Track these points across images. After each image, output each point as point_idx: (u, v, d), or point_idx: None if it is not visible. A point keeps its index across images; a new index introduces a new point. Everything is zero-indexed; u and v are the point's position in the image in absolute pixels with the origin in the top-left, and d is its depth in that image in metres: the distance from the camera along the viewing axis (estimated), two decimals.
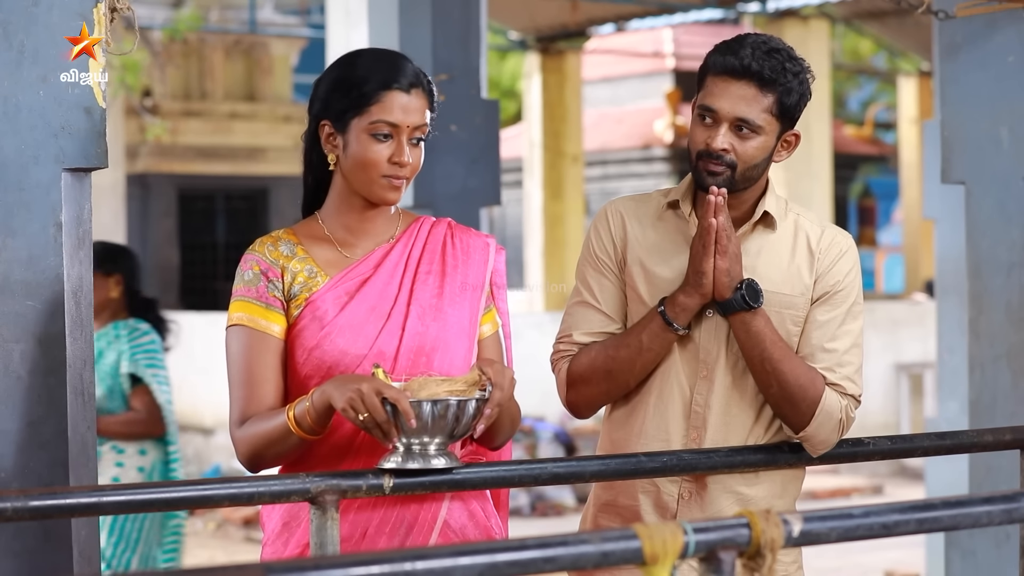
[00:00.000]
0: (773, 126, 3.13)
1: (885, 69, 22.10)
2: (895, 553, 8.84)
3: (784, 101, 3.11)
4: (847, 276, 3.19)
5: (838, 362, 3.16)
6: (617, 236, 3.24)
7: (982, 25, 4.49)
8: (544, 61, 16.27)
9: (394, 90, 2.95)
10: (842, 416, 3.17)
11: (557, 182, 16.30)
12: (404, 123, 2.95)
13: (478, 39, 6.53)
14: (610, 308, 3.23)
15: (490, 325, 3.09)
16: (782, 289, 3.17)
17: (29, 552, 2.88)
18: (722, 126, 3.11)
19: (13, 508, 2.64)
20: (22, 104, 2.89)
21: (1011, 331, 4.45)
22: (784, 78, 3.10)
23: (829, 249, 3.20)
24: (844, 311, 3.18)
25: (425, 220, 3.11)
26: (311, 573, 1.98)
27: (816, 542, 2.39)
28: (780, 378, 3.11)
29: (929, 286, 16.00)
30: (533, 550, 2.13)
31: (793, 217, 3.23)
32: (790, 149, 3.21)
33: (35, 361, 2.86)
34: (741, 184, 3.13)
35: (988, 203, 4.52)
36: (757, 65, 3.09)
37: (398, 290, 2.99)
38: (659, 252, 3.21)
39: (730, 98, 3.10)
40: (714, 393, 3.16)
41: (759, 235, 3.20)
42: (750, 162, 3.12)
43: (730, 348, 3.16)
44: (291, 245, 3.02)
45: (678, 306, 3.11)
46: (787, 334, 3.16)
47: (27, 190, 2.89)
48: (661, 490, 3.20)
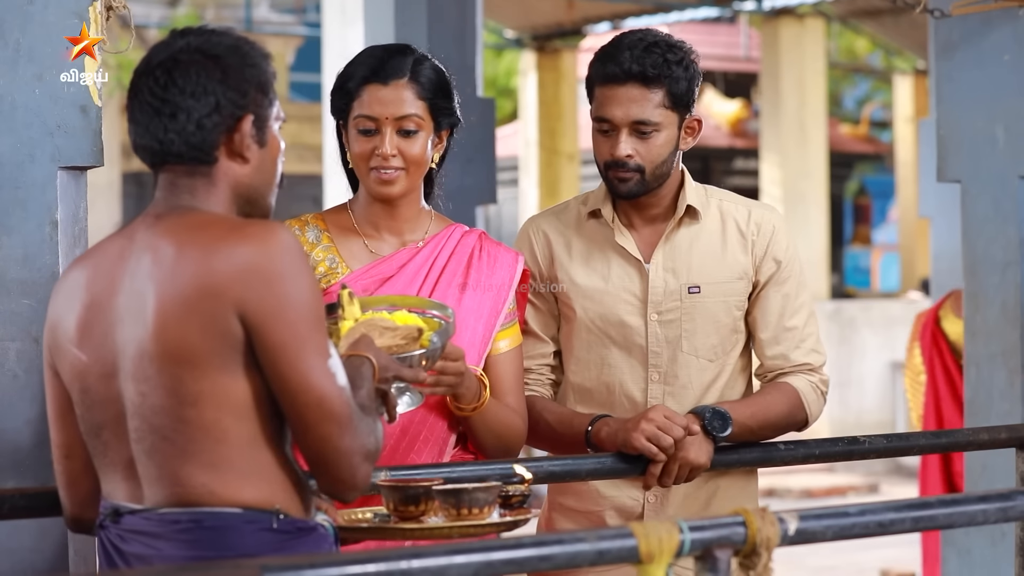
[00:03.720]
0: (671, 118, 3.13)
1: (881, 68, 22.09)
2: (891, 551, 8.84)
3: (674, 91, 3.11)
4: (786, 252, 3.23)
5: (800, 338, 3.22)
6: (542, 256, 3.25)
7: (978, 24, 4.49)
8: (540, 59, 16.26)
9: (372, 84, 2.95)
10: (819, 391, 3.23)
11: (553, 180, 16.28)
12: (383, 115, 2.94)
13: (474, 37, 6.53)
14: (540, 329, 3.25)
15: (509, 340, 3.07)
16: (720, 278, 3.20)
17: (25, 550, 2.88)
18: (621, 133, 3.11)
19: (9, 506, 2.65)
20: (18, 102, 2.89)
21: (1007, 329, 4.45)
22: (668, 70, 3.10)
23: (761, 229, 3.23)
24: (794, 286, 3.23)
25: (457, 228, 3.09)
26: (307, 571, 1.98)
27: (812, 540, 2.39)
28: (774, 431, 3.21)
29: (925, 284, 16.00)
30: (529, 548, 2.13)
31: (716, 203, 3.25)
32: (694, 135, 3.20)
33: (31, 360, 2.86)
34: (654, 184, 3.14)
35: (984, 201, 4.52)
36: (638, 66, 3.09)
37: (416, 295, 2.98)
38: (586, 262, 3.22)
39: (620, 104, 3.10)
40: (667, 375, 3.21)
41: (686, 228, 3.21)
42: (657, 160, 3.12)
43: (679, 348, 3.20)
44: (318, 231, 3.03)
45: (604, 442, 3.11)
46: (733, 319, 3.21)
47: (23, 188, 2.89)
48: (625, 494, 3.21)
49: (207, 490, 2.24)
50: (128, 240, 2.32)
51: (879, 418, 14.15)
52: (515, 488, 2.61)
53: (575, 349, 3.23)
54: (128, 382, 2.27)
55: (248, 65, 2.34)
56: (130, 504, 2.31)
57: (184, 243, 2.25)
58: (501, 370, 3.05)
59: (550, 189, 16.28)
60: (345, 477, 2.27)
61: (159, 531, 2.26)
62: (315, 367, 2.22)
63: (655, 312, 3.17)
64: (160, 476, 2.26)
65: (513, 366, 3.07)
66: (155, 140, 2.32)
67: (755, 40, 18.30)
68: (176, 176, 2.34)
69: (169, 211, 2.31)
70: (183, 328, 2.21)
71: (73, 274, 2.37)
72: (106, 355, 2.29)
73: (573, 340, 3.22)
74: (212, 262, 2.21)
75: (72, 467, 2.43)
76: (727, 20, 18.73)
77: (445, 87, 3.01)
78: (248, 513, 2.25)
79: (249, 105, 2.34)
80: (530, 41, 16.24)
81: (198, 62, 2.31)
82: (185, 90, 2.30)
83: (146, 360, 2.23)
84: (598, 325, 3.19)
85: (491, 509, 2.51)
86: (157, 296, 2.23)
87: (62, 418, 2.40)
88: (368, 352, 2.44)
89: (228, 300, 2.20)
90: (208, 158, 2.32)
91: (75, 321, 2.33)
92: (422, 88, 2.97)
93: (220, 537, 2.23)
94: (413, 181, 3.01)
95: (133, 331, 2.25)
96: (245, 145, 2.34)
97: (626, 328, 3.18)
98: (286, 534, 2.28)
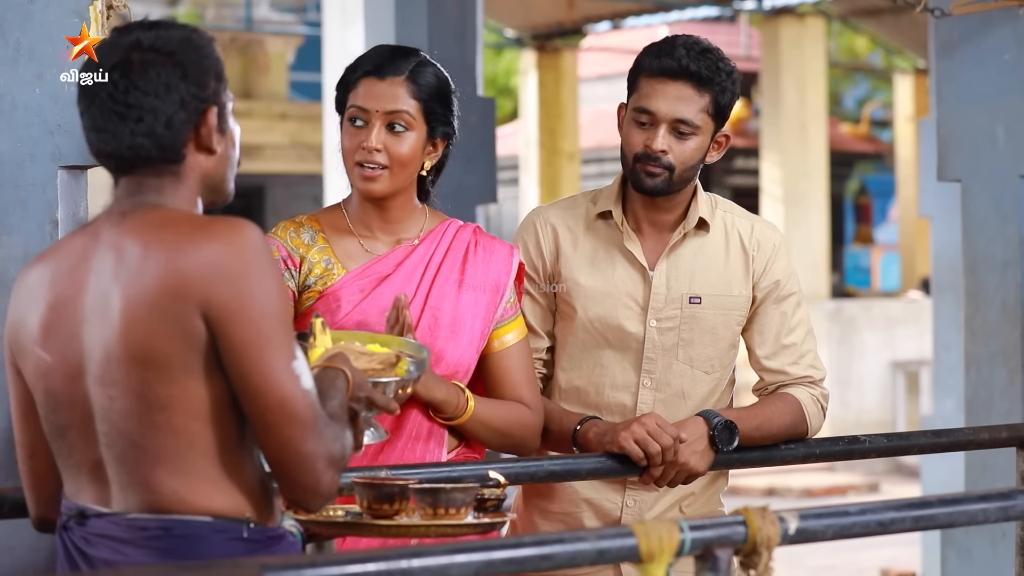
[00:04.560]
0: (709, 126, 3.13)
1: (881, 67, 22.09)
2: (891, 551, 8.84)
3: (719, 100, 3.12)
4: (785, 270, 3.24)
5: (800, 353, 3.23)
6: (548, 250, 3.24)
7: (978, 23, 4.49)
8: (540, 59, 16.25)
9: (367, 77, 2.96)
10: (820, 405, 3.25)
11: (553, 180, 16.28)
12: (374, 108, 2.94)
13: (474, 36, 6.53)
14: (537, 323, 3.25)
15: (515, 333, 3.07)
16: (722, 291, 3.20)
17: (24, 549, 2.88)
18: (660, 127, 3.10)
19: (9, 505, 2.64)
20: (18, 101, 2.89)
21: (1007, 328, 4.45)
22: (719, 77, 3.11)
23: (762, 246, 3.23)
24: (792, 303, 3.23)
25: (452, 223, 3.09)
26: (307, 571, 1.98)
27: (812, 539, 2.39)
28: (774, 442, 3.22)
29: (925, 284, 16.01)
30: (529, 548, 2.13)
31: (721, 215, 3.25)
32: (721, 150, 3.21)
33: None
34: (678, 186, 3.14)
35: (984, 200, 4.52)
36: (695, 65, 3.09)
37: (414, 294, 2.97)
38: (591, 262, 3.21)
39: (668, 99, 3.10)
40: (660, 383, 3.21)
41: (692, 238, 3.21)
42: (687, 163, 3.12)
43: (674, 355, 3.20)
44: (313, 233, 3.02)
45: (591, 443, 3.12)
46: (732, 333, 3.22)
47: (23, 187, 2.89)
48: (604, 498, 3.22)
49: (177, 497, 2.20)
50: (92, 238, 2.27)
51: (879, 417, 14.15)
52: (490, 492, 2.59)
53: (570, 347, 3.22)
54: (95, 385, 2.22)
55: (203, 57, 2.29)
56: (97, 507, 2.26)
57: (150, 242, 2.20)
58: (510, 364, 3.05)
59: (550, 188, 16.27)
60: (309, 483, 2.19)
61: (127, 536, 2.22)
62: (278, 368, 2.16)
63: (654, 319, 3.17)
64: (131, 482, 2.22)
65: (522, 359, 3.07)
66: (124, 146, 2.27)
67: (755, 39, 18.30)
68: (143, 177, 2.29)
69: (134, 208, 2.26)
70: (149, 331, 2.16)
71: (35, 271, 2.31)
72: (71, 356, 2.24)
73: (569, 338, 3.22)
74: (178, 261, 2.16)
75: (37, 467, 2.39)
76: (727, 19, 18.72)
77: (443, 94, 3.01)
78: (218, 522, 2.21)
79: (211, 97, 2.29)
80: (530, 40, 16.24)
81: (155, 61, 2.25)
82: (148, 91, 2.25)
83: (113, 363, 2.19)
84: (596, 327, 3.19)
85: (468, 510, 2.49)
86: (123, 297, 2.18)
87: (25, 418, 2.36)
88: (344, 366, 2.37)
89: (193, 300, 2.15)
90: (177, 157, 2.28)
91: (39, 320, 2.27)
92: (418, 89, 2.97)
93: (190, 545, 2.20)
94: (397, 181, 2.97)
95: (99, 332, 2.21)
96: (212, 137, 2.30)
97: (624, 332, 3.18)
98: (256, 543, 2.24)
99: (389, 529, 2.48)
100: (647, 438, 3.00)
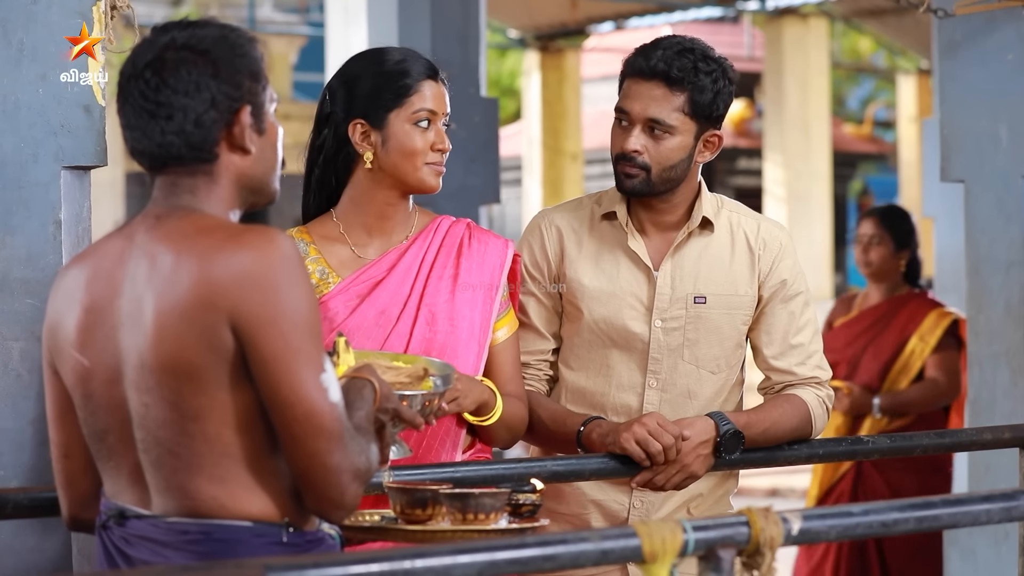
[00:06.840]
0: (688, 125, 3.12)
1: (884, 67, 22.08)
2: None
3: (697, 100, 3.11)
4: (792, 270, 3.23)
5: (807, 354, 3.23)
6: (553, 252, 3.25)
7: (981, 23, 4.49)
8: (543, 59, 16.26)
9: (429, 79, 3.02)
10: (826, 406, 3.25)
11: (556, 180, 16.29)
12: (440, 111, 3.02)
13: (477, 37, 6.53)
14: (542, 325, 3.25)
15: (507, 328, 3.09)
16: (727, 290, 3.20)
17: (28, 550, 2.88)
18: (635, 128, 3.12)
19: (13, 505, 2.65)
20: (21, 102, 2.89)
21: (1010, 329, 4.45)
22: (694, 77, 3.10)
23: (768, 245, 3.23)
24: (800, 303, 3.23)
25: (444, 220, 3.10)
26: (310, 571, 1.98)
27: (815, 540, 2.39)
28: (778, 444, 3.22)
29: (928, 284, 16.01)
30: (532, 548, 2.13)
31: (727, 214, 3.24)
32: (713, 150, 3.19)
33: (34, 359, 2.86)
34: (660, 187, 3.14)
35: (987, 201, 4.51)
36: (664, 65, 3.09)
37: (409, 293, 2.99)
38: (595, 263, 3.22)
39: (640, 99, 3.12)
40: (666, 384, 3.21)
41: (697, 238, 3.21)
42: (665, 163, 3.11)
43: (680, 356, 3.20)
44: (304, 245, 3.03)
45: (595, 443, 3.12)
46: (738, 333, 3.22)
47: (26, 188, 2.89)
48: (612, 499, 3.22)
49: (217, 503, 2.21)
50: (128, 241, 2.28)
51: None
52: (526, 496, 2.59)
53: (576, 347, 3.23)
54: (132, 390, 2.23)
55: (238, 55, 2.28)
56: (137, 508, 2.27)
57: (182, 250, 2.20)
58: (501, 359, 3.07)
59: (553, 189, 16.28)
60: (333, 495, 2.20)
61: (168, 539, 2.23)
62: (306, 380, 2.16)
63: (659, 319, 3.17)
64: (168, 487, 2.23)
65: (512, 354, 3.10)
66: (154, 144, 2.27)
67: (759, 40, 18.30)
68: (177, 176, 2.29)
69: (169, 212, 2.27)
70: (180, 342, 2.16)
71: (72, 273, 2.33)
72: (109, 360, 2.25)
73: (576, 339, 3.22)
74: (208, 271, 2.16)
75: (71, 467, 2.39)
76: (731, 20, 18.72)
77: None
78: (258, 527, 2.22)
79: (244, 96, 2.28)
80: (533, 41, 16.24)
81: (187, 59, 2.25)
82: (178, 89, 2.24)
83: (146, 371, 2.20)
84: (601, 327, 3.19)
85: (498, 515, 2.49)
86: (155, 306, 2.19)
87: (61, 418, 2.37)
88: (372, 377, 2.37)
89: (222, 310, 2.15)
90: (209, 156, 2.27)
91: (75, 324, 2.28)
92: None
93: (230, 549, 2.20)
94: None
95: (134, 339, 2.22)
96: (246, 137, 2.29)
97: (629, 333, 3.18)
98: (295, 547, 2.25)
99: (419, 535, 2.48)
100: (648, 438, 3.00)
